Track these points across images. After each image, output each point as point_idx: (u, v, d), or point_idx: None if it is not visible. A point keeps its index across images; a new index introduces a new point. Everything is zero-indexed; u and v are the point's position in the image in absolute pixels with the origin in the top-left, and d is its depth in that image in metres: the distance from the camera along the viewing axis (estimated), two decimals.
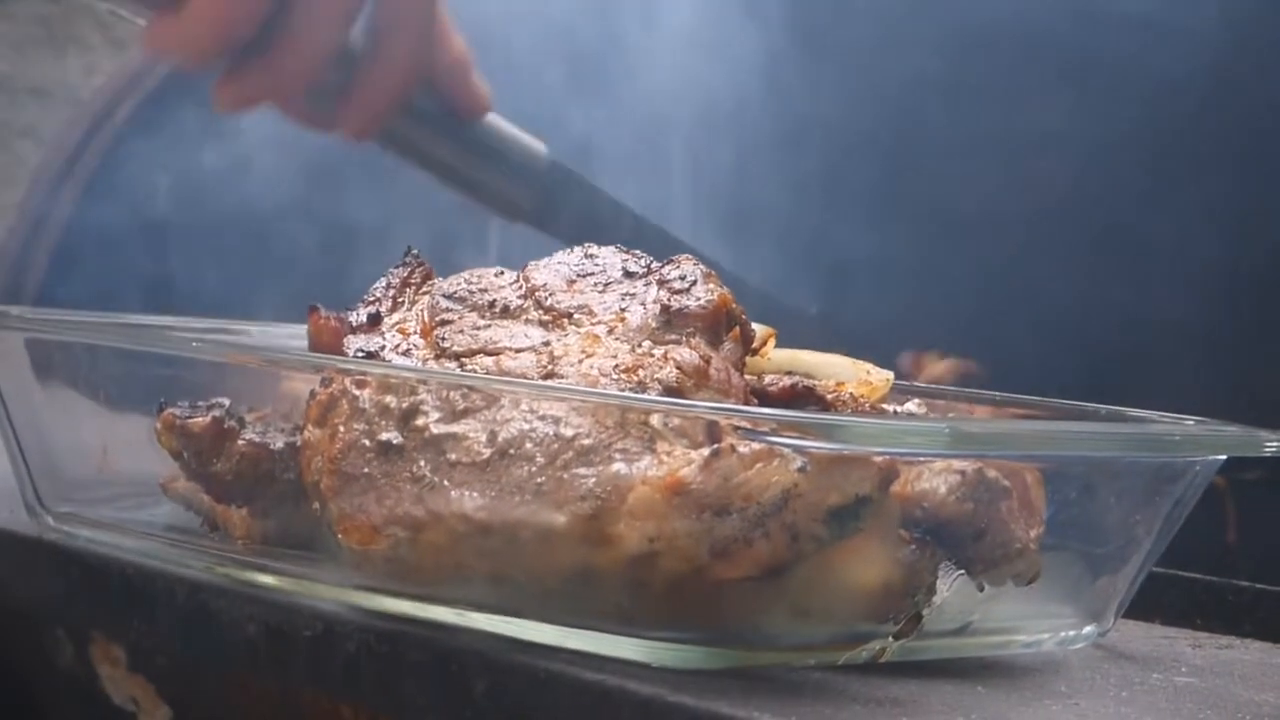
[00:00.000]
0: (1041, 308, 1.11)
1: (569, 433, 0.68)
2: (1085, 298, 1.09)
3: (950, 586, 0.69)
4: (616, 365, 0.71)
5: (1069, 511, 0.72)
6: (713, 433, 0.67)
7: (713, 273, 0.74)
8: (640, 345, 0.72)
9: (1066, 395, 0.80)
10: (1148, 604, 0.81)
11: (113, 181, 1.47)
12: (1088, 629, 0.75)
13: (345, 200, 1.40)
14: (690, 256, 0.75)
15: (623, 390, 0.69)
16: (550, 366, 0.72)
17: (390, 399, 0.71)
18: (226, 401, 0.79)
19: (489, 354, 0.73)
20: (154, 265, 1.40)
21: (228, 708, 0.96)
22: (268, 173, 1.38)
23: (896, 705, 0.64)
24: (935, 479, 0.68)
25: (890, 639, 0.69)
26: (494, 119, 1.16)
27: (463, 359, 0.73)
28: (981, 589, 0.70)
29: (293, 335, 0.90)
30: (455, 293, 0.75)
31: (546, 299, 0.74)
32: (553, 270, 0.75)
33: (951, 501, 0.68)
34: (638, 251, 0.76)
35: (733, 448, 0.66)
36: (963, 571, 0.70)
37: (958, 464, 0.69)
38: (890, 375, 0.76)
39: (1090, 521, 0.73)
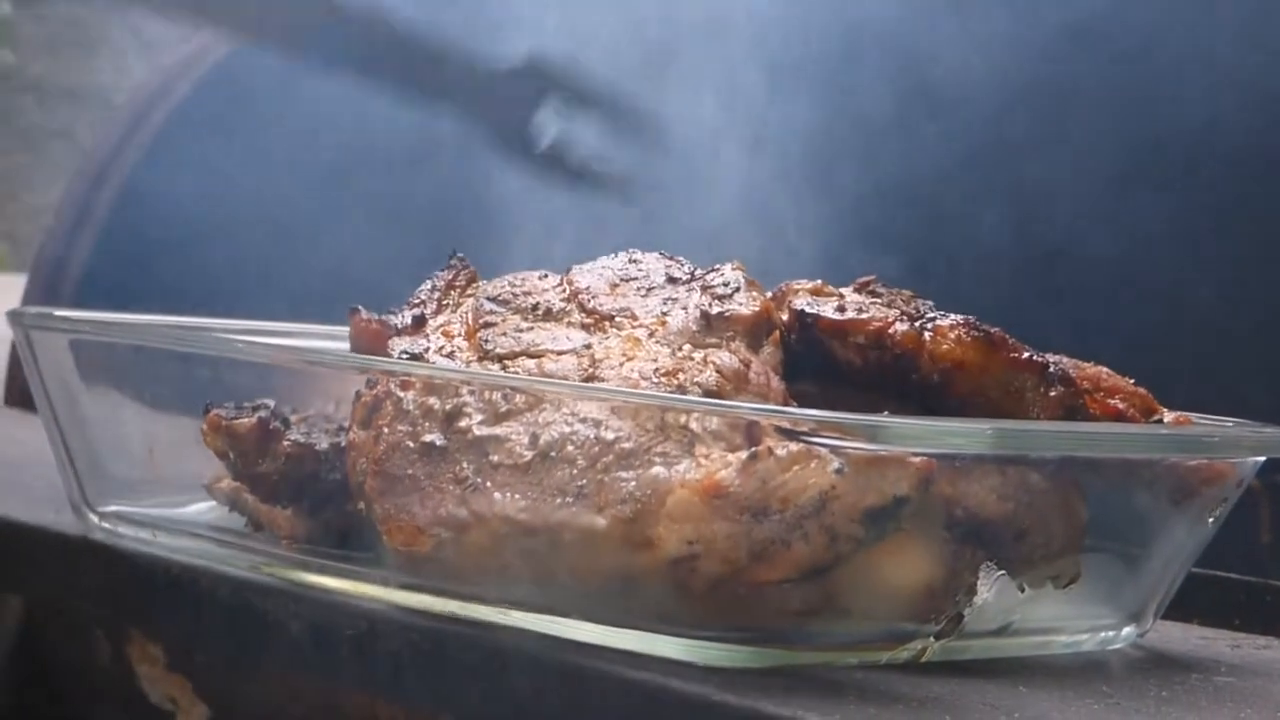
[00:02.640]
0: (1078, 301, 1.11)
1: (609, 436, 0.68)
2: (1122, 293, 1.09)
3: (991, 587, 0.70)
4: (657, 369, 0.71)
5: (1109, 513, 0.72)
6: (751, 436, 0.68)
7: (755, 281, 0.75)
8: (681, 349, 0.73)
9: None
10: (1186, 605, 0.81)
11: (150, 181, 1.48)
12: (1127, 630, 0.76)
13: (375, 201, 1.40)
14: (735, 263, 0.75)
15: (663, 393, 0.70)
16: (591, 369, 0.72)
17: (434, 400, 0.71)
18: (271, 402, 0.80)
19: (531, 356, 0.73)
20: (190, 264, 1.41)
21: (265, 706, 0.97)
22: (300, 172, 1.39)
23: (938, 704, 0.65)
24: (976, 479, 0.69)
25: (932, 639, 0.69)
26: None
27: (505, 361, 0.73)
28: (1022, 589, 0.71)
29: (330, 336, 0.91)
30: (499, 295, 0.76)
31: (589, 302, 0.75)
32: (596, 274, 0.76)
33: (993, 501, 0.69)
34: (681, 258, 0.77)
35: (770, 450, 0.66)
36: (1004, 572, 0.70)
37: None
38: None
39: (1129, 523, 0.73)
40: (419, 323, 0.76)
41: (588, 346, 0.73)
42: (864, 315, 0.74)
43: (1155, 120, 1.09)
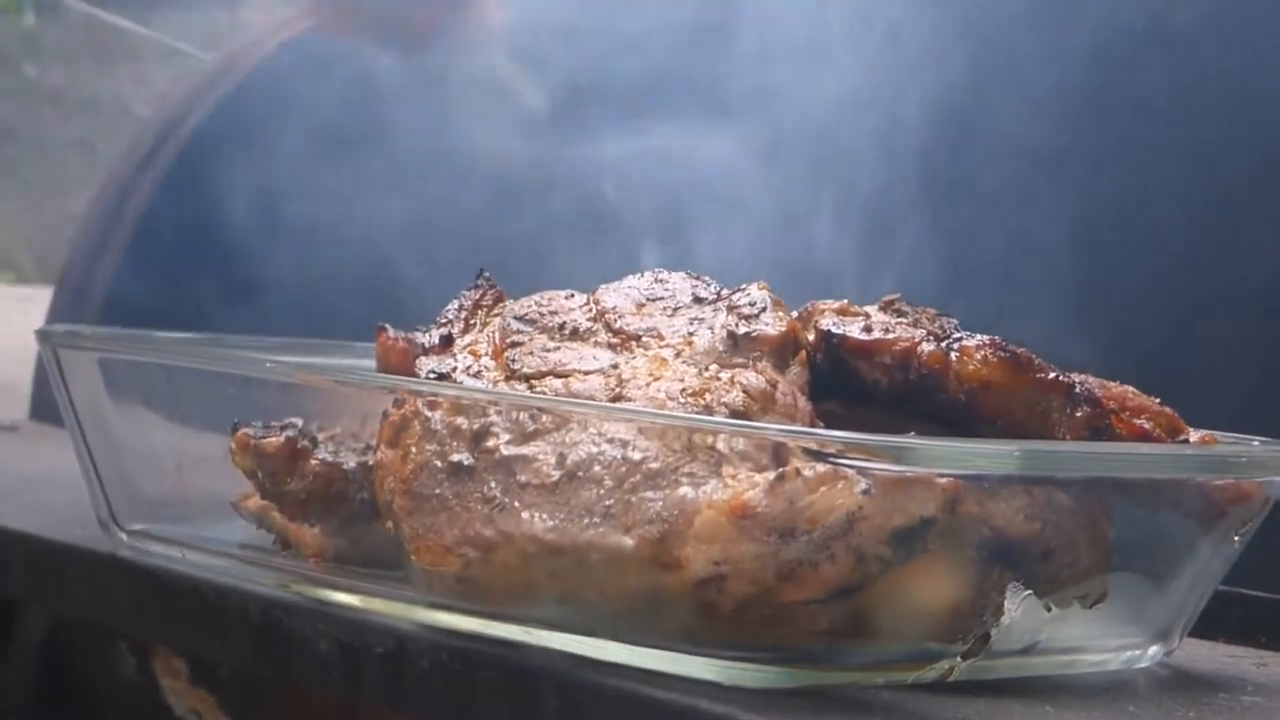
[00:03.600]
0: (1095, 317, 1.10)
1: (636, 456, 0.69)
2: (1138, 306, 1.09)
3: (1018, 607, 0.70)
4: (684, 389, 0.71)
5: (1135, 532, 0.72)
6: (778, 456, 0.68)
7: (781, 300, 0.75)
8: (707, 369, 0.73)
9: None
10: (1212, 623, 0.81)
11: (182, 184, 1.48)
12: (1153, 649, 0.76)
13: (405, 217, 1.41)
14: (761, 284, 0.76)
15: (689, 414, 0.70)
16: (618, 389, 0.72)
17: (462, 420, 0.72)
18: (300, 421, 0.80)
19: (558, 376, 0.74)
20: (216, 278, 1.42)
21: (289, 719, 0.97)
22: (327, 186, 1.39)
23: None
24: (1003, 499, 0.69)
25: (958, 658, 0.69)
26: None
27: (532, 381, 0.74)
28: (1049, 609, 0.71)
29: (357, 353, 0.91)
30: (526, 314, 0.76)
31: (616, 321, 0.75)
32: (623, 294, 0.76)
33: (1019, 521, 0.69)
34: (707, 278, 0.77)
35: (798, 471, 0.66)
36: (1030, 592, 0.70)
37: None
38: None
39: (1156, 542, 0.73)
40: (446, 342, 0.77)
41: (614, 366, 0.73)
42: (890, 335, 0.74)
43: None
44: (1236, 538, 0.75)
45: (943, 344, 0.73)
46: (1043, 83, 1.10)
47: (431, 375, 0.75)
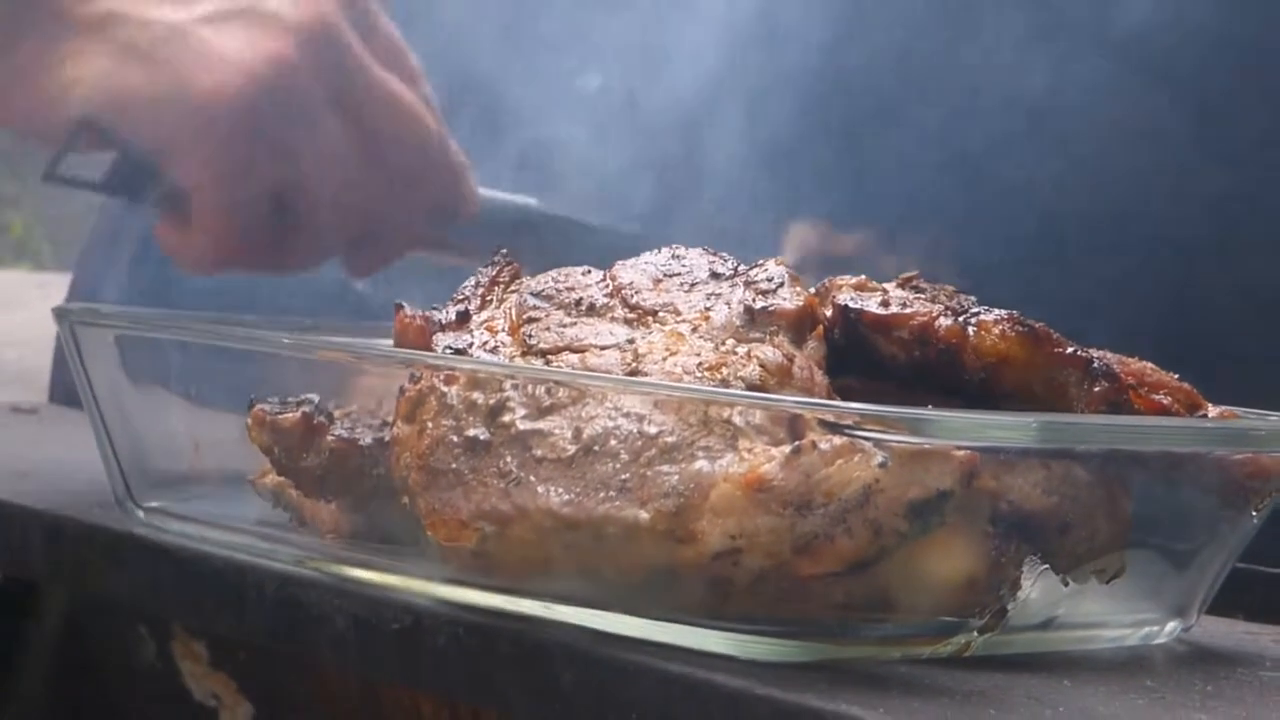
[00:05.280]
0: (1116, 299, 1.10)
1: (652, 430, 0.68)
2: (1160, 278, 1.08)
3: (1035, 581, 0.70)
4: (700, 363, 0.71)
5: (1153, 507, 0.72)
6: (794, 429, 0.68)
7: (799, 276, 0.75)
8: (724, 344, 0.73)
9: None
10: (1231, 599, 0.81)
11: None
12: (1171, 624, 0.76)
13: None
14: (779, 259, 0.75)
15: (706, 388, 0.70)
16: (634, 364, 0.72)
17: (478, 395, 0.72)
18: (316, 398, 0.80)
19: (575, 351, 0.74)
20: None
21: (309, 703, 0.98)
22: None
23: (982, 698, 0.65)
24: (1020, 473, 0.69)
25: (975, 633, 0.69)
26: (484, 195, 1.14)
27: (549, 356, 0.74)
28: (1066, 584, 0.71)
29: (373, 332, 0.91)
30: (543, 291, 0.76)
31: (632, 297, 0.75)
32: (639, 269, 0.76)
33: (1036, 495, 0.69)
34: (724, 254, 0.77)
35: (814, 444, 0.66)
36: (1047, 566, 0.70)
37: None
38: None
39: (1174, 517, 0.73)
40: (463, 318, 0.77)
41: (631, 341, 0.73)
42: (908, 310, 0.74)
43: None
44: (1255, 513, 0.74)
45: (960, 319, 0.73)
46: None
47: (448, 351, 0.75)
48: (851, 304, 0.74)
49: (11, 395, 1.57)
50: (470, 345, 0.75)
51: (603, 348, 0.73)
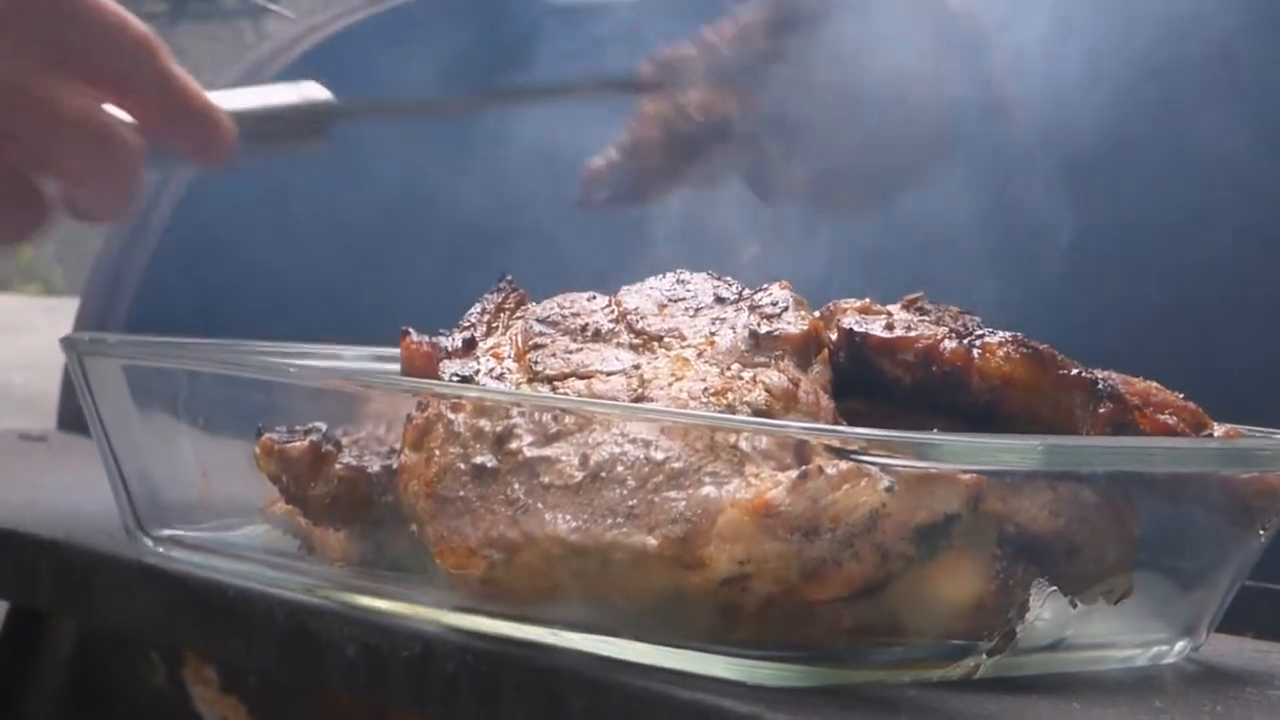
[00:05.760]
0: (1128, 315, 1.10)
1: (659, 456, 0.69)
2: (1173, 300, 1.08)
3: (1043, 603, 0.70)
4: (706, 388, 0.71)
5: (1160, 527, 0.72)
6: (801, 455, 0.68)
7: (804, 300, 0.75)
8: (729, 368, 0.73)
9: None
10: (1240, 618, 0.81)
11: (206, 193, 1.48)
12: (1180, 644, 0.76)
13: (435, 220, 1.40)
14: (783, 283, 0.76)
15: (712, 413, 0.70)
16: (640, 390, 0.72)
17: (485, 423, 0.72)
18: (324, 426, 0.80)
19: (580, 377, 0.74)
20: (244, 284, 1.42)
21: None
22: (359, 188, 1.39)
23: None
24: (1027, 496, 0.69)
25: (984, 655, 0.69)
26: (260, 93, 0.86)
27: (555, 382, 0.74)
28: (1074, 605, 0.71)
29: (381, 357, 0.91)
30: (548, 317, 0.76)
31: (638, 323, 0.75)
32: (644, 295, 0.76)
33: (1043, 517, 0.69)
34: (729, 278, 0.77)
35: (820, 469, 0.66)
36: (1055, 588, 0.70)
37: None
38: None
39: (1181, 537, 0.73)
40: (469, 345, 0.77)
41: (636, 367, 0.74)
42: (913, 333, 0.74)
43: None
44: (1262, 532, 0.74)
45: (965, 341, 0.73)
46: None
47: (455, 378, 0.75)
48: (856, 327, 0.75)
49: (20, 421, 1.57)
50: (477, 372, 0.75)
51: (608, 373, 0.74)
